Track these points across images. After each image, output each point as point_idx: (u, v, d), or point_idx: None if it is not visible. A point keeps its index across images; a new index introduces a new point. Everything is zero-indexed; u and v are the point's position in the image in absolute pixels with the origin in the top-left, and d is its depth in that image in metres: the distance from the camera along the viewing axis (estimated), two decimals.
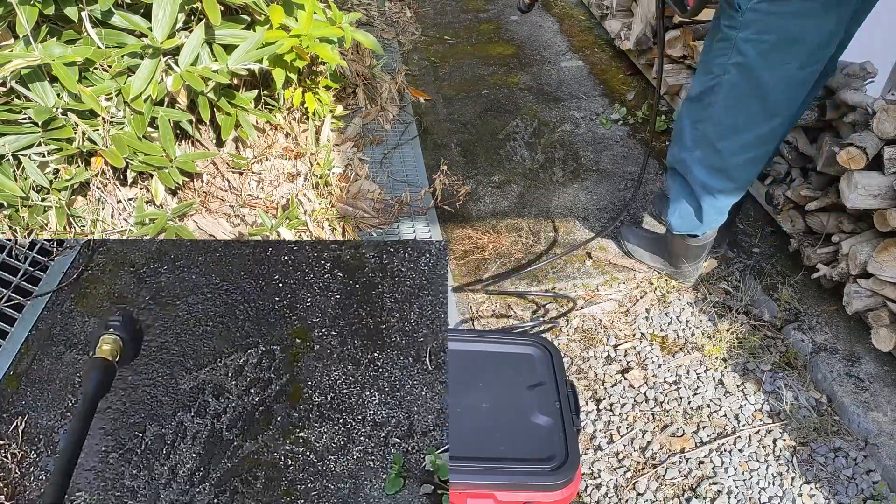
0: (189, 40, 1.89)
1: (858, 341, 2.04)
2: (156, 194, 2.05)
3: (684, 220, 2.03)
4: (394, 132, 2.84)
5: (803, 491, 1.73)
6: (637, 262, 2.33)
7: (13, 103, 1.82)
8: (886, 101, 1.83)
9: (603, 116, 3.13)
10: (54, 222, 1.89)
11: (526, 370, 1.62)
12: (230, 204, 2.20)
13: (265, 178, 2.29)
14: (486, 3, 4.24)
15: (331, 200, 2.32)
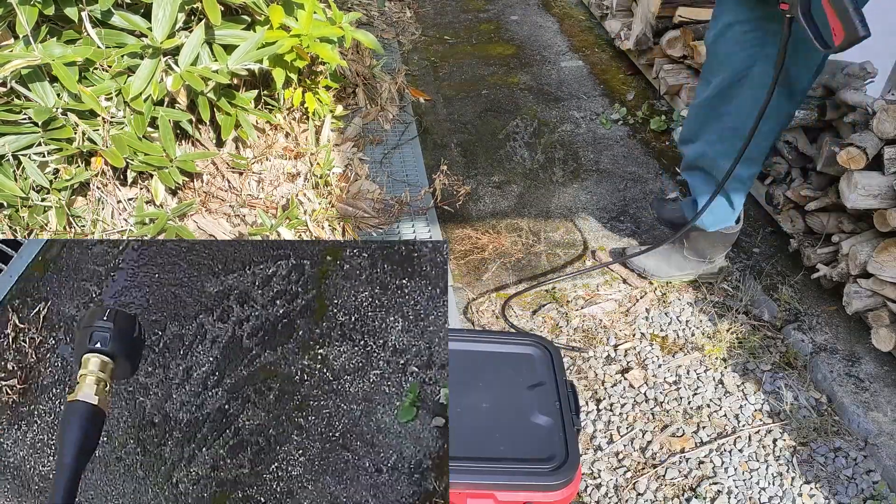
0: (189, 40, 1.89)
1: (858, 341, 2.04)
2: (156, 194, 2.05)
3: (717, 214, 2.03)
4: (394, 132, 2.84)
5: (803, 491, 1.73)
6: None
7: (13, 103, 1.82)
8: (886, 101, 1.83)
9: (603, 116, 3.13)
10: (54, 222, 1.89)
11: (526, 370, 1.62)
12: (230, 204, 2.20)
13: (265, 178, 2.29)
14: (486, 3, 4.24)
15: (331, 200, 2.32)
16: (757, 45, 1.69)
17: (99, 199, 2.01)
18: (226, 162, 2.24)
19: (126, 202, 2.04)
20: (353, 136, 2.68)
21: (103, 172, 1.98)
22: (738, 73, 1.76)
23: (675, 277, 2.25)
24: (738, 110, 1.81)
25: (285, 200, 2.25)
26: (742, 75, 1.75)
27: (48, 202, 1.88)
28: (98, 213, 2.00)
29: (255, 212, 2.18)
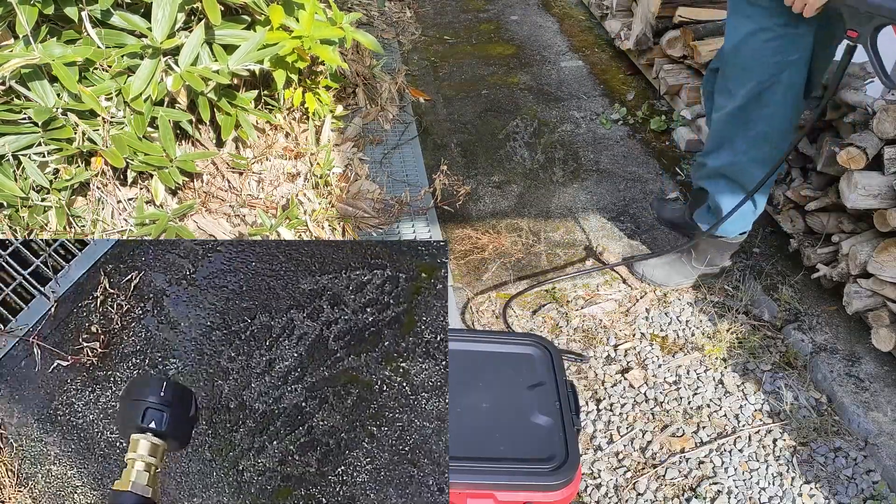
0: (189, 40, 1.89)
1: (858, 341, 2.04)
2: (156, 194, 2.05)
3: (739, 221, 2.05)
4: (394, 132, 2.84)
5: (803, 491, 1.73)
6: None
7: (13, 103, 1.82)
8: (886, 101, 1.83)
9: (603, 116, 3.13)
10: (54, 222, 1.89)
11: (526, 370, 1.62)
12: (230, 204, 2.20)
13: (265, 178, 2.29)
14: (486, 3, 4.24)
15: (331, 200, 2.32)
16: (783, 52, 1.71)
17: (99, 199, 2.01)
18: (226, 162, 2.24)
19: (126, 202, 2.04)
20: (353, 136, 2.68)
21: (103, 172, 1.98)
22: (767, 81, 1.76)
23: (682, 285, 2.26)
24: (769, 117, 1.82)
25: (285, 200, 2.25)
26: (772, 82, 1.76)
27: (48, 202, 1.88)
28: (98, 213, 2.00)
29: (255, 212, 2.18)
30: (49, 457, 1.55)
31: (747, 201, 1.98)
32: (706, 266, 2.20)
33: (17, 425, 1.58)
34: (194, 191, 2.17)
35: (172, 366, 1.58)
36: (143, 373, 1.59)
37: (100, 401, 1.58)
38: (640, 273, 2.27)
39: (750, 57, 1.76)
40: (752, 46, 1.74)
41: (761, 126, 1.84)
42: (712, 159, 2.00)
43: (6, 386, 1.61)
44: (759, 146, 1.88)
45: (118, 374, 1.60)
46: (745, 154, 1.90)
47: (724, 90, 1.88)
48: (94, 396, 1.58)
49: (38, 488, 1.52)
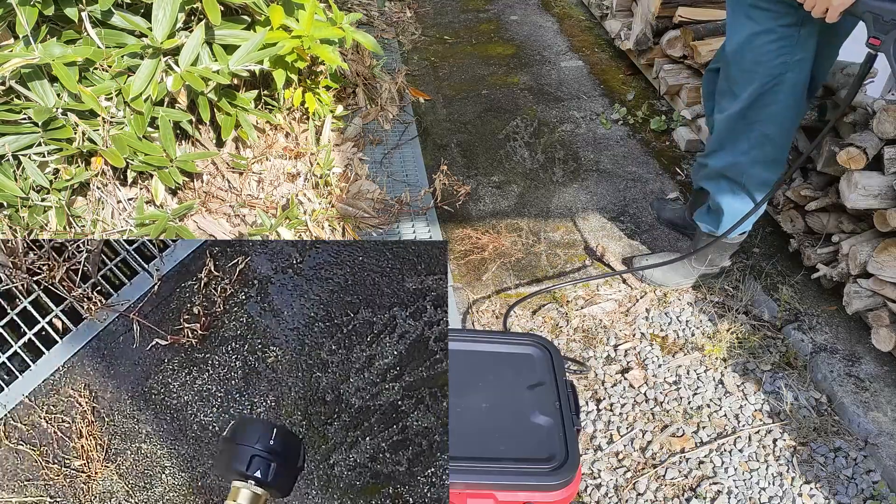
0: (189, 40, 1.89)
1: (858, 341, 2.04)
2: (156, 194, 2.05)
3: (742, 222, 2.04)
4: (394, 132, 2.84)
5: (803, 491, 1.73)
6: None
7: (13, 103, 1.82)
8: (886, 101, 1.83)
9: (603, 116, 3.13)
10: (54, 222, 1.89)
11: (526, 370, 1.62)
12: (230, 204, 2.20)
13: (265, 178, 2.29)
14: (486, 3, 4.24)
15: (331, 200, 2.32)
16: (787, 53, 1.71)
17: (99, 199, 2.01)
18: (226, 162, 2.24)
19: (126, 202, 2.04)
20: (353, 136, 2.68)
21: (103, 172, 1.98)
22: (771, 82, 1.76)
23: (682, 285, 2.26)
24: (772, 117, 1.82)
25: (285, 200, 2.25)
26: (775, 83, 1.76)
27: (48, 202, 1.88)
28: (98, 213, 2.00)
29: (255, 212, 2.18)
30: (140, 434, 1.55)
31: (749, 203, 1.98)
32: (706, 266, 2.21)
33: (111, 400, 1.58)
34: (194, 191, 2.17)
35: (272, 354, 1.58)
36: (249, 416, 1.51)
37: (196, 383, 1.57)
38: (641, 273, 2.27)
39: (753, 59, 1.76)
40: (756, 48, 1.74)
41: (764, 127, 1.84)
42: (714, 160, 2.00)
43: (103, 360, 1.61)
44: (762, 146, 1.88)
45: (217, 357, 1.59)
46: (747, 154, 1.90)
47: (727, 91, 1.88)
48: (191, 378, 1.58)
49: (125, 465, 1.53)
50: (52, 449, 1.55)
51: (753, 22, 1.72)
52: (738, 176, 1.95)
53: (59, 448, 1.55)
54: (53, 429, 1.56)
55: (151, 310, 1.64)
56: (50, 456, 1.55)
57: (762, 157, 1.89)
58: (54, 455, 1.55)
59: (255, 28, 2.09)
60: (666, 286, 2.25)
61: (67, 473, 1.53)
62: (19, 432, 1.58)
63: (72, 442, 1.54)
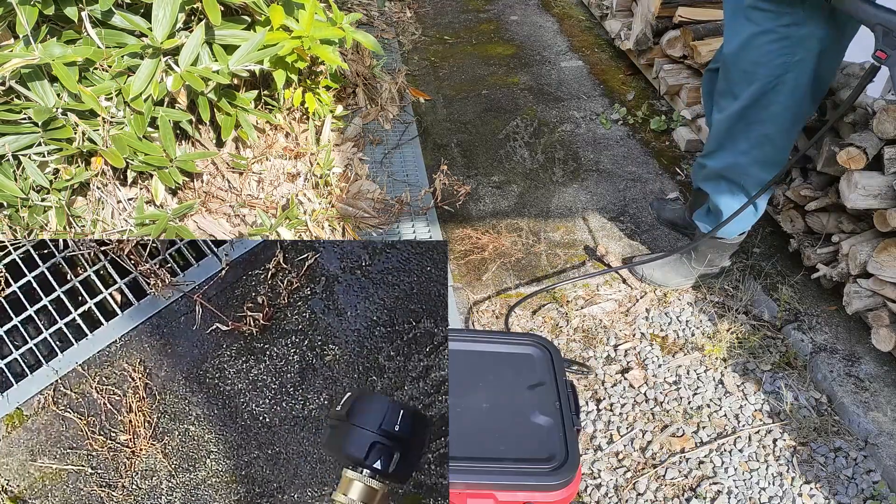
0: (189, 40, 1.89)
1: (858, 341, 2.04)
2: (156, 194, 2.05)
3: (739, 222, 2.04)
4: (394, 132, 2.84)
5: (803, 491, 1.73)
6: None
7: (13, 103, 1.82)
8: (886, 101, 1.83)
9: (603, 116, 3.13)
10: (54, 222, 1.89)
11: (526, 370, 1.62)
12: (230, 204, 2.20)
13: (265, 178, 2.29)
14: (486, 3, 4.24)
15: (331, 200, 2.32)
16: (788, 53, 1.70)
17: (99, 199, 2.01)
18: (226, 162, 2.24)
19: (126, 202, 2.04)
20: (353, 136, 2.68)
21: (103, 172, 1.98)
22: (771, 82, 1.76)
23: (682, 286, 2.26)
24: (772, 118, 1.82)
25: (285, 200, 2.25)
26: (776, 83, 1.76)
27: (48, 202, 1.88)
28: (98, 213, 2.00)
29: (255, 212, 2.18)
30: (189, 416, 1.54)
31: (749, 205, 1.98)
32: (706, 266, 2.21)
33: (165, 379, 1.57)
34: (194, 191, 2.17)
35: (330, 352, 1.57)
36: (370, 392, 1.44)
37: (252, 371, 1.57)
38: (640, 273, 2.27)
39: (753, 59, 1.76)
40: (756, 49, 1.74)
41: (764, 127, 1.84)
42: (712, 160, 2.00)
43: (161, 338, 1.60)
44: (761, 147, 1.87)
45: (275, 349, 1.58)
46: (746, 155, 1.90)
47: (727, 92, 1.88)
48: (247, 366, 1.57)
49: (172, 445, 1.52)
50: (99, 420, 1.54)
51: (753, 23, 1.72)
52: (737, 177, 1.95)
53: (107, 420, 1.55)
54: (103, 400, 1.55)
55: (216, 294, 1.63)
56: (97, 427, 1.54)
57: (762, 158, 1.89)
58: (101, 426, 1.54)
59: (255, 28, 2.09)
60: (666, 286, 2.25)
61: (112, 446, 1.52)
62: (68, 399, 1.57)
63: (120, 416, 1.54)
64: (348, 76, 2.84)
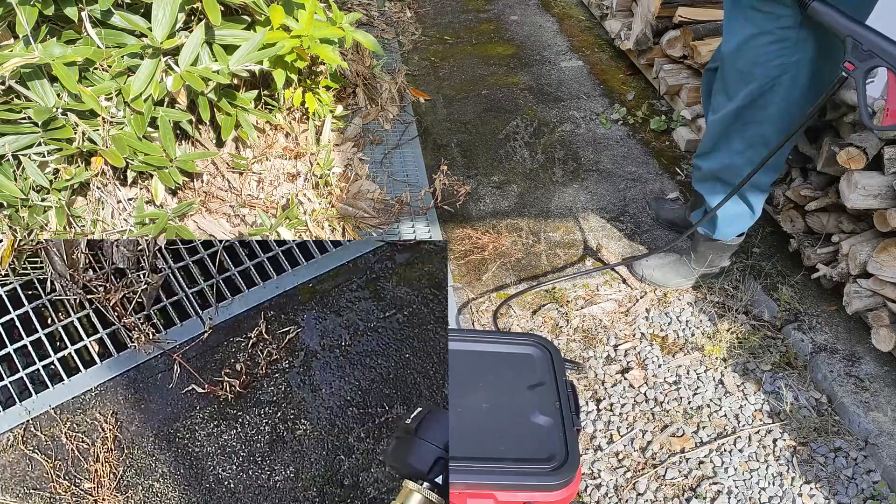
0: (189, 40, 1.89)
1: (858, 341, 2.04)
2: (156, 194, 2.05)
3: (736, 224, 2.05)
4: (394, 132, 2.84)
5: (803, 491, 1.73)
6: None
7: (13, 103, 1.82)
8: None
9: (603, 116, 3.13)
10: (54, 222, 1.89)
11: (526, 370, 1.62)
12: (230, 204, 2.20)
13: (265, 178, 2.29)
14: (486, 3, 4.24)
15: (331, 200, 2.32)
16: (785, 55, 1.70)
17: (99, 199, 2.01)
18: (226, 162, 2.24)
19: (126, 202, 2.04)
20: (353, 136, 2.68)
21: (103, 172, 1.98)
22: (768, 83, 1.75)
23: (682, 286, 2.25)
24: (769, 119, 1.81)
25: (285, 200, 2.25)
26: (772, 84, 1.75)
27: (48, 202, 1.88)
28: (98, 213, 2.00)
29: (255, 212, 2.18)
30: (155, 473, 1.55)
31: (743, 206, 1.98)
32: (706, 267, 2.21)
33: (135, 433, 1.59)
34: (194, 191, 2.17)
35: (302, 426, 1.59)
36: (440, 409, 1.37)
37: (222, 436, 1.59)
38: (640, 274, 2.27)
39: (751, 60, 1.76)
40: (753, 50, 1.74)
41: (761, 128, 1.84)
42: (707, 161, 1.99)
43: (136, 392, 1.62)
44: (756, 147, 1.87)
45: (248, 417, 1.61)
46: (741, 155, 1.90)
47: (723, 92, 1.88)
48: (218, 431, 1.60)
49: (135, 499, 1.53)
50: (65, 465, 1.55)
51: (751, 23, 1.71)
52: (732, 178, 1.94)
53: (73, 466, 1.55)
54: (72, 446, 1.56)
55: (195, 356, 1.66)
56: (62, 472, 1.55)
57: (757, 159, 1.88)
58: (66, 472, 1.55)
59: (255, 28, 2.09)
60: (666, 286, 2.25)
61: (76, 493, 1.53)
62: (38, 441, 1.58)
63: (87, 464, 1.55)
64: (348, 76, 2.84)
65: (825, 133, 2.10)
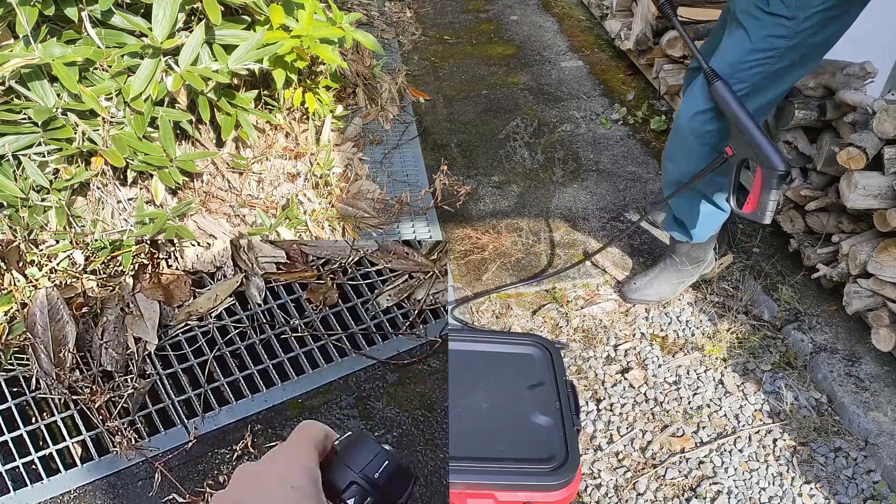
0: (189, 40, 1.89)
1: (858, 341, 2.04)
2: (156, 194, 2.05)
3: (709, 224, 2.04)
4: (394, 132, 2.84)
5: (803, 491, 1.73)
6: None
7: (13, 103, 1.82)
8: (886, 101, 1.83)
9: (603, 116, 3.13)
10: (54, 222, 1.89)
11: (526, 370, 1.62)
12: (230, 204, 2.20)
13: (265, 178, 2.29)
14: (486, 3, 4.24)
15: (331, 200, 2.32)
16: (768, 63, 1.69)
17: (99, 199, 2.01)
18: (226, 162, 2.24)
19: (126, 202, 2.04)
20: (353, 136, 2.68)
21: (103, 172, 1.98)
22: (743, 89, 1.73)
23: (679, 289, 2.22)
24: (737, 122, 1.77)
25: (285, 200, 2.25)
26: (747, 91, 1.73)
27: (48, 202, 1.88)
28: (98, 213, 2.00)
29: (255, 212, 2.18)
30: None
31: (709, 206, 1.99)
32: (694, 264, 2.18)
33: None
34: (194, 191, 2.17)
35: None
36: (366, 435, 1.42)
37: None
38: (635, 299, 2.20)
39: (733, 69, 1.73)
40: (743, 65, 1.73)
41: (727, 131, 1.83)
42: (669, 165, 1.99)
43: (115, 498, 1.59)
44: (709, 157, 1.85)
45: None
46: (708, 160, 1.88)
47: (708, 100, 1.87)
48: None
49: None
50: None
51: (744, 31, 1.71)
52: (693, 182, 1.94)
53: None
54: None
55: (178, 465, 1.62)
56: None
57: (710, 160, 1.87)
58: None
59: (255, 28, 2.09)
60: (666, 299, 2.20)
61: None
62: None
63: None
64: (348, 76, 2.84)
65: (825, 133, 2.10)
